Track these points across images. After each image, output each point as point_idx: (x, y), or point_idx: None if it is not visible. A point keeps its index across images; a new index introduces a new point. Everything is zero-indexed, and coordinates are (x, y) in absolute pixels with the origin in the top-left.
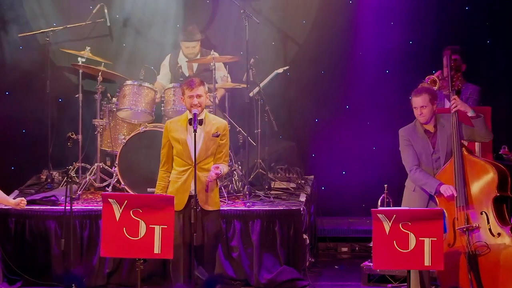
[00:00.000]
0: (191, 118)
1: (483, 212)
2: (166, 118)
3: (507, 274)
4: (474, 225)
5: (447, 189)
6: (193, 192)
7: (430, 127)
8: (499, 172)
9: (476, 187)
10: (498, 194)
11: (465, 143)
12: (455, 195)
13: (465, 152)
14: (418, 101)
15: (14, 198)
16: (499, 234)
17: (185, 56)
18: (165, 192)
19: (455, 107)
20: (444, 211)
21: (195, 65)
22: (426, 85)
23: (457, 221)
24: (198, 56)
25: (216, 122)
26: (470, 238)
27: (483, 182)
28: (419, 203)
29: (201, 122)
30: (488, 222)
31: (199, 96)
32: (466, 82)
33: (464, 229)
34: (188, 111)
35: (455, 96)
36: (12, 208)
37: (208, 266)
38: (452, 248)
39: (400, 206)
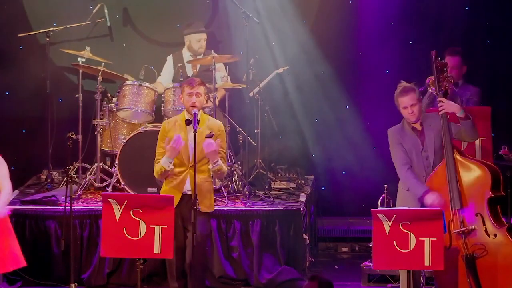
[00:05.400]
0: (188, 119)
1: (478, 214)
2: (166, 118)
3: (506, 275)
4: (470, 228)
5: (430, 199)
6: (187, 193)
7: (417, 126)
8: (492, 172)
9: (469, 189)
10: (492, 195)
11: (464, 144)
12: (438, 203)
13: (457, 155)
14: (407, 100)
15: (14, 199)
16: (495, 235)
17: (194, 51)
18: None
19: (442, 110)
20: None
21: (198, 65)
22: (405, 83)
23: (453, 224)
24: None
25: (210, 123)
26: (467, 241)
27: (476, 183)
28: (412, 202)
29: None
30: (484, 224)
31: (198, 94)
32: (466, 83)
33: (460, 232)
34: (185, 111)
35: (442, 98)
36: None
37: (197, 268)
38: (449, 250)
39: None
